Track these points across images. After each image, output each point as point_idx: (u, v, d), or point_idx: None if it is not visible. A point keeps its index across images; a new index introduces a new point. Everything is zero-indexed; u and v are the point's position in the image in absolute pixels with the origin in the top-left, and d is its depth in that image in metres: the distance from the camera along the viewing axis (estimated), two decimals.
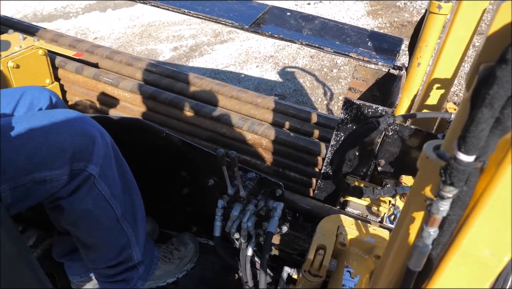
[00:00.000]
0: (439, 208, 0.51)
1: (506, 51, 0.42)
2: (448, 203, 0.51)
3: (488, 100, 0.43)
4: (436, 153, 0.55)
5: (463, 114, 0.51)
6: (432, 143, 0.58)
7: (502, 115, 0.44)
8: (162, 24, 6.25)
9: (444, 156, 0.54)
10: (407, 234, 0.63)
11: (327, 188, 1.67)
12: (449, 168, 0.48)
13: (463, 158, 0.46)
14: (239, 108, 1.76)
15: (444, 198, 0.50)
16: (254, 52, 4.83)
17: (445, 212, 0.51)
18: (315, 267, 1.23)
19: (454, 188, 0.49)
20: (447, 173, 0.48)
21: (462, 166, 0.47)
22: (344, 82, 3.86)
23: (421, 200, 0.59)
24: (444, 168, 0.48)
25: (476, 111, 0.44)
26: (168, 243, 1.58)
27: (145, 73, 1.90)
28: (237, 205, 1.33)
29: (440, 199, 0.51)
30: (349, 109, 1.39)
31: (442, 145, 0.56)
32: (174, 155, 1.46)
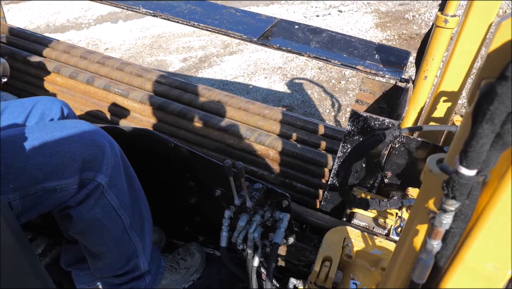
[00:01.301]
0: (442, 221, 0.52)
1: (506, 68, 0.43)
2: (451, 216, 0.51)
3: (488, 116, 0.44)
4: (439, 166, 0.56)
5: (465, 129, 0.51)
6: (435, 157, 0.58)
7: (503, 131, 0.44)
8: (172, 35, 6.35)
9: (447, 169, 0.55)
10: (411, 246, 0.63)
11: (333, 200, 1.67)
12: (451, 181, 0.48)
13: (465, 172, 0.47)
14: (246, 120, 1.78)
15: (447, 211, 0.51)
16: (263, 64, 4.87)
17: (448, 225, 0.52)
18: (321, 279, 1.23)
19: (456, 202, 0.49)
20: (449, 187, 0.49)
21: (464, 180, 0.47)
22: (352, 94, 3.87)
23: (425, 212, 0.59)
24: (447, 182, 0.49)
25: (477, 127, 0.45)
26: (175, 252, 1.59)
27: (154, 84, 1.94)
28: (244, 216, 1.34)
29: (443, 212, 0.51)
30: (355, 121, 1.40)
31: (445, 158, 0.56)
32: (182, 165, 1.48)
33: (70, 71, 2.05)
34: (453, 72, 1.33)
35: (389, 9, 6.41)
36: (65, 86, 2.09)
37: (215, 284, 1.57)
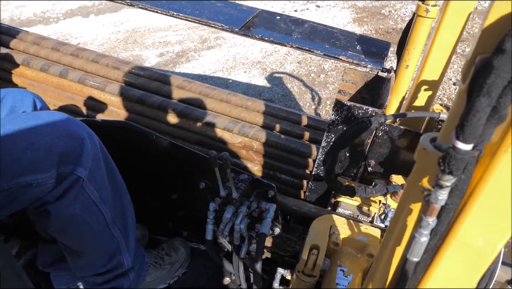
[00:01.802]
0: (437, 197, 0.51)
1: (502, 42, 0.43)
2: (447, 192, 0.51)
3: (485, 90, 0.44)
4: (433, 144, 0.56)
5: (459, 106, 0.52)
6: (429, 136, 0.58)
7: (499, 104, 0.45)
8: (148, 30, 6.23)
9: (441, 147, 0.55)
10: (405, 225, 0.63)
11: (318, 190, 1.67)
12: (448, 157, 0.48)
13: (462, 146, 0.47)
14: (229, 112, 1.76)
15: (443, 187, 0.51)
16: (242, 58, 4.84)
17: (444, 201, 0.52)
18: (309, 267, 1.23)
19: (452, 177, 0.49)
20: (445, 162, 0.49)
21: (461, 155, 0.47)
22: (332, 87, 3.90)
23: (419, 191, 0.59)
24: (443, 158, 0.49)
25: (474, 101, 0.45)
26: (159, 248, 1.56)
27: (132, 76, 1.88)
28: (230, 207, 1.32)
29: (439, 188, 0.51)
30: (339, 110, 1.40)
31: (439, 137, 0.57)
32: (164, 158, 1.45)
33: (41, 64, 1.97)
34: (433, 61, 1.35)
35: (366, 4, 6.50)
36: (36, 79, 2.00)
37: (201, 279, 1.55)
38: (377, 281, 0.73)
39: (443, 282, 0.62)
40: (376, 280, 0.73)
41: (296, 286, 1.33)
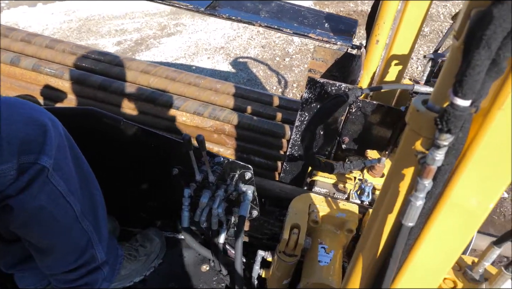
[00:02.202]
0: (434, 158, 0.50)
1: None
2: (443, 152, 0.50)
3: (484, 42, 0.43)
4: (426, 106, 0.55)
5: (453, 64, 0.50)
6: (420, 98, 0.57)
7: (498, 57, 0.43)
8: (102, 18, 5.94)
9: (433, 108, 0.54)
10: (397, 192, 0.62)
11: (293, 170, 1.66)
12: (446, 115, 0.47)
13: (460, 102, 0.46)
14: (198, 95, 1.70)
15: (440, 147, 0.50)
16: (204, 44, 4.73)
17: (440, 161, 0.51)
18: (290, 247, 1.22)
19: (450, 136, 0.48)
20: (443, 120, 0.48)
21: (459, 111, 0.46)
22: (297, 70, 3.90)
23: (411, 155, 0.58)
24: (441, 116, 0.48)
25: (473, 55, 0.44)
26: (132, 240, 1.49)
27: (92, 62, 1.77)
28: (206, 192, 1.28)
29: (436, 149, 0.50)
30: (312, 88, 1.39)
31: (430, 98, 0.55)
32: (133, 145, 1.37)
33: None
34: (403, 35, 1.36)
35: None
36: None
37: (178, 268, 1.50)
38: (368, 251, 0.72)
39: (437, 246, 0.62)
40: (366, 251, 0.72)
41: (278, 266, 1.32)
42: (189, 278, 1.46)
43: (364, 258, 0.73)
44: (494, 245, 0.70)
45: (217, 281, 1.45)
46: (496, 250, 0.70)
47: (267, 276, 1.46)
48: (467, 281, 0.75)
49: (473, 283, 0.74)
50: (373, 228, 0.69)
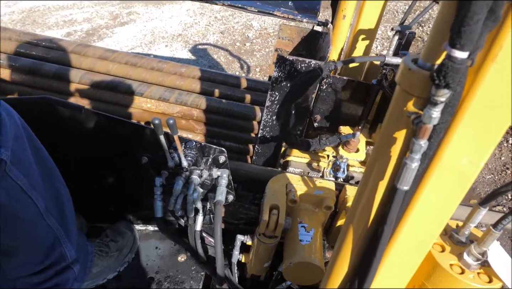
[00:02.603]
0: (431, 116, 0.49)
1: None
2: (440, 109, 0.49)
3: None
4: (418, 64, 0.53)
5: (445, 18, 0.49)
6: (409, 58, 0.56)
7: (496, 5, 0.42)
8: (48, 9, 5.58)
9: (425, 66, 0.53)
10: (388, 157, 0.61)
11: (265, 152, 1.63)
12: (443, 68, 0.45)
13: (459, 54, 0.44)
14: (162, 80, 1.62)
15: (437, 104, 0.48)
16: (161, 32, 4.56)
17: (437, 119, 0.49)
18: (271, 228, 1.19)
19: (448, 91, 0.47)
20: (440, 75, 0.46)
21: (457, 64, 0.45)
22: (259, 54, 3.86)
23: (403, 117, 0.57)
24: (438, 70, 0.46)
25: (470, 4, 0.42)
26: (102, 235, 1.41)
27: (43, 50, 1.64)
28: (179, 179, 1.22)
29: (432, 106, 0.49)
30: (282, 66, 1.36)
31: (421, 56, 0.54)
32: (97, 135, 1.29)
33: None
34: (369, 9, 1.35)
35: None
36: None
37: (153, 261, 1.44)
38: (358, 221, 0.70)
39: (429, 209, 0.62)
40: (357, 221, 0.71)
41: (258, 249, 1.30)
42: (166, 270, 1.41)
43: (355, 230, 0.72)
44: (480, 205, 0.71)
45: (196, 270, 1.41)
46: (482, 210, 0.71)
47: (247, 261, 1.43)
48: (454, 244, 0.76)
49: (460, 246, 0.75)
50: (362, 198, 0.68)
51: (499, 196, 0.69)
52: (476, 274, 0.71)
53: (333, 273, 0.82)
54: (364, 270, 0.70)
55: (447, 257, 0.73)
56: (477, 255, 0.70)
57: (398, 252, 0.69)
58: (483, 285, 0.69)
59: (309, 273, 1.18)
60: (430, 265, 0.74)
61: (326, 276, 0.86)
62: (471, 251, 0.71)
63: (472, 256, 0.71)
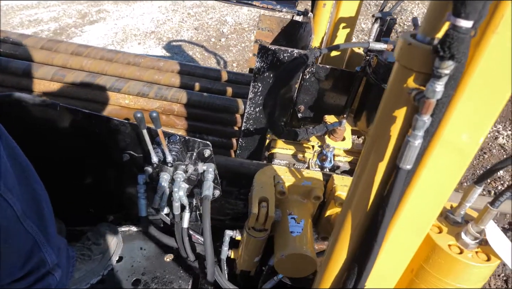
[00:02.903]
0: (435, 90, 0.48)
1: None
2: (444, 82, 0.48)
3: None
4: (417, 39, 0.52)
5: None
6: (407, 34, 0.54)
7: None
8: (11, 8, 5.34)
9: (424, 40, 0.51)
10: (388, 138, 0.59)
11: (249, 146, 1.61)
12: (448, 39, 0.44)
13: (464, 23, 0.43)
14: (140, 75, 1.56)
15: (441, 77, 0.47)
16: (132, 30, 4.44)
17: (441, 93, 0.48)
18: (261, 221, 1.17)
19: (452, 63, 0.46)
20: (445, 46, 0.45)
21: (462, 33, 0.43)
22: (235, 49, 3.82)
23: (402, 95, 0.55)
24: (442, 42, 0.45)
25: None
26: (83, 238, 1.35)
27: (11, 46, 1.55)
28: (164, 175, 1.18)
29: (436, 80, 0.47)
30: (264, 56, 1.33)
31: (420, 31, 0.53)
32: (74, 132, 1.22)
33: None
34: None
35: None
36: None
37: (139, 262, 1.39)
38: (356, 206, 0.69)
39: (429, 188, 0.61)
40: (355, 206, 0.69)
41: (248, 244, 1.27)
42: (153, 271, 1.36)
43: (353, 215, 0.70)
44: (475, 184, 0.70)
45: (185, 269, 1.37)
46: (478, 189, 0.71)
47: (236, 257, 1.40)
48: (451, 225, 0.75)
49: (456, 226, 0.75)
50: (361, 182, 0.66)
51: (494, 173, 0.69)
52: (474, 253, 0.71)
53: (331, 261, 0.80)
54: (364, 255, 0.69)
55: (445, 238, 0.73)
56: (475, 234, 0.70)
57: (398, 235, 0.68)
58: (483, 264, 0.69)
59: (302, 264, 1.16)
60: (428, 247, 0.73)
61: (324, 265, 0.84)
62: (468, 230, 0.71)
63: (470, 235, 0.70)
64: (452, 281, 0.73)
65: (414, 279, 0.78)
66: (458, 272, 0.71)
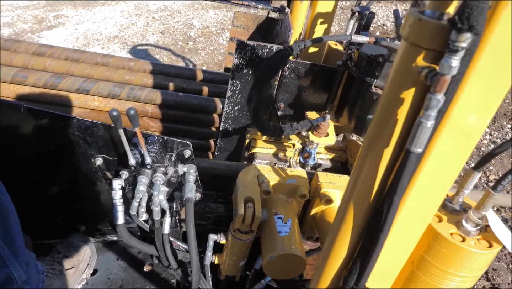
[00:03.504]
0: (451, 65, 0.45)
1: None
2: (460, 56, 0.45)
3: None
4: (426, 14, 0.49)
5: None
6: (414, 10, 0.52)
7: None
8: None
9: (434, 15, 0.49)
10: (395, 120, 0.56)
11: (228, 147, 1.55)
12: (466, 10, 0.42)
13: None
14: (109, 76, 1.48)
15: (458, 50, 0.45)
16: (94, 34, 4.27)
17: (456, 69, 0.46)
18: (247, 223, 1.12)
19: (470, 35, 0.43)
20: (464, 17, 0.42)
21: (482, 3, 0.41)
22: (204, 52, 3.75)
23: (411, 75, 0.53)
24: (460, 13, 0.42)
25: None
26: (53, 252, 1.25)
27: None
28: (142, 178, 1.10)
29: (452, 54, 0.45)
30: (242, 52, 1.29)
31: (429, 7, 0.50)
32: (41, 137, 1.12)
33: None
34: None
35: None
36: None
37: (116, 273, 1.29)
38: (358, 197, 0.66)
39: (436, 172, 0.59)
40: (356, 197, 0.66)
41: (233, 247, 1.21)
42: (131, 282, 1.27)
43: (355, 207, 0.67)
44: (474, 170, 0.69)
45: (166, 279, 1.29)
46: (476, 174, 0.69)
47: (221, 262, 1.34)
48: (450, 214, 0.74)
49: (455, 215, 0.73)
50: (363, 171, 0.63)
51: (493, 157, 0.68)
52: (476, 240, 0.69)
53: (330, 260, 0.76)
54: (368, 249, 0.66)
55: (446, 226, 0.71)
56: (477, 220, 0.68)
57: (402, 224, 0.65)
58: (486, 250, 0.67)
59: (291, 265, 1.12)
60: (429, 236, 0.71)
61: (321, 264, 0.80)
62: (469, 217, 0.69)
63: (471, 222, 0.69)
64: (454, 270, 0.71)
65: (415, 271, 0.76)
66: (462, 261, 0.69)
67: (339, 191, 1.22)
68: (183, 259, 1.33)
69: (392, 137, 0.57)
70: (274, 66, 0.95)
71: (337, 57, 1.45)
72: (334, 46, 1.50)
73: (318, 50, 1.47)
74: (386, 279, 0.78)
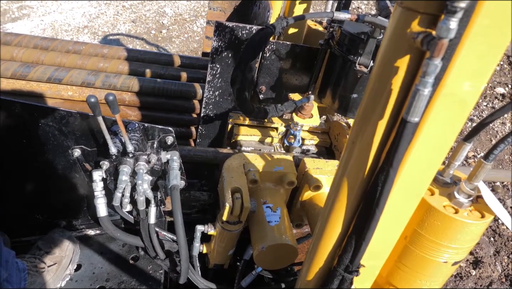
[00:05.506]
0: (449, 27, 0.44)
1: None
2: (459, 18, 0.44)
3: None
4: None
5: None
6: None
7: None
8: None
9: None
10: (389, 91, 0.55)
11: (210, 133, 1.52)
12: None
13: None
14: (82, 64, 1.41)
15: (456, 11, 0.43)
16: (62, 25, 4.09)
17: (454, 32, 0.44)
18: (236, 214, 1.09)
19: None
20: None
21: None
22: (178, 40, 3.66)
23: (405, 42, 0.51)
24: None
25: None
26: (33, 249, 1.19)
27: None
28: (124, 167, 1.06)
29: (451, 16, 0.43)
30: (221, 34, 1.25)
31: None
32: (14, 129, 1.06)
33: None
34: None
35: None
36: None
37: (101, 268, 1.25)
38: (352, 172, 0.64)
39: (431, 143, 0.58)
40: (350, 172, 0.65)
41: (221, 238, 1.19)
42: (118, 275, 1.23)
43: (349, 183, 0.66)
44: (464, 141, 0.69)
45: (153, 269, 1.26)
46: (467, 146, 0.69)
47: (209, 251, 1.31)
48: (441, 187, 0.74)
49: (446, 188, 0.73)
50: (357, 146, 0.62)
51: (484, 127, 0.68)
52: (469, 211, 0.69)
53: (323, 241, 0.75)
54: (363, 224, 0.65)
55: (438, 199, 0.71)
56: (469, 191, 0.68)
57: (396, 198, 0.64)
58: (479, 221, 0.68)
59: (283, 255, 1.10)
60: (422, 210, 0.71)
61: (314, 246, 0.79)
62: (462, 189, 0.69)
63: (464, 194, 0.69)
64: (448, 242, 0.71)
65: (408, 245, 0.76)
66: (455, 232, 0.69)
67: (327, 176, 1.21)
68: (170, 249, 1.29)
69: (386, 108, 0.56)
70: (258, 43, 0.92)
71: (317, 37, 1.43)
72: (314, 27, 1.48)
73: (298, 31, 1.45)
74: (380, 255, 0.78)
